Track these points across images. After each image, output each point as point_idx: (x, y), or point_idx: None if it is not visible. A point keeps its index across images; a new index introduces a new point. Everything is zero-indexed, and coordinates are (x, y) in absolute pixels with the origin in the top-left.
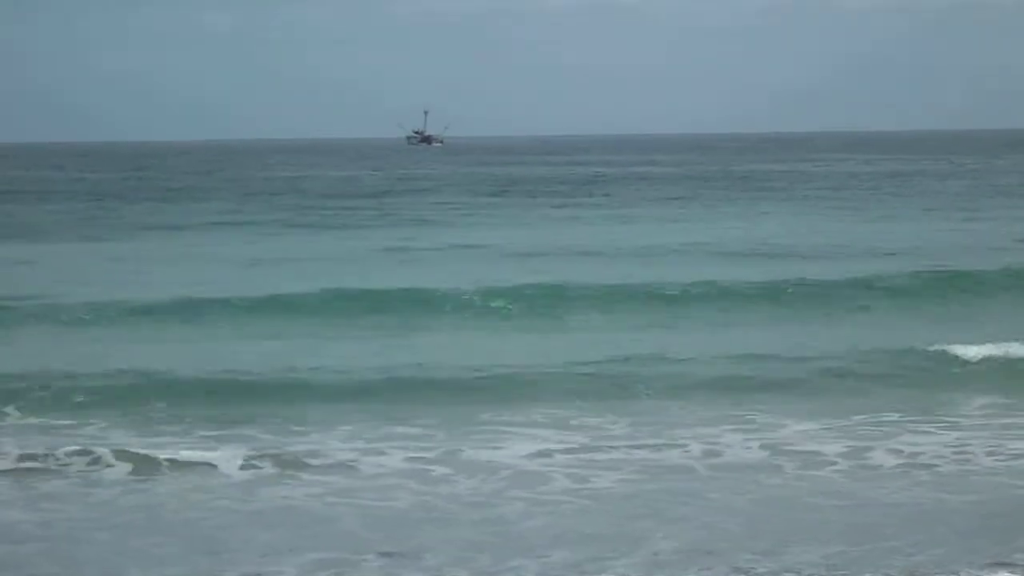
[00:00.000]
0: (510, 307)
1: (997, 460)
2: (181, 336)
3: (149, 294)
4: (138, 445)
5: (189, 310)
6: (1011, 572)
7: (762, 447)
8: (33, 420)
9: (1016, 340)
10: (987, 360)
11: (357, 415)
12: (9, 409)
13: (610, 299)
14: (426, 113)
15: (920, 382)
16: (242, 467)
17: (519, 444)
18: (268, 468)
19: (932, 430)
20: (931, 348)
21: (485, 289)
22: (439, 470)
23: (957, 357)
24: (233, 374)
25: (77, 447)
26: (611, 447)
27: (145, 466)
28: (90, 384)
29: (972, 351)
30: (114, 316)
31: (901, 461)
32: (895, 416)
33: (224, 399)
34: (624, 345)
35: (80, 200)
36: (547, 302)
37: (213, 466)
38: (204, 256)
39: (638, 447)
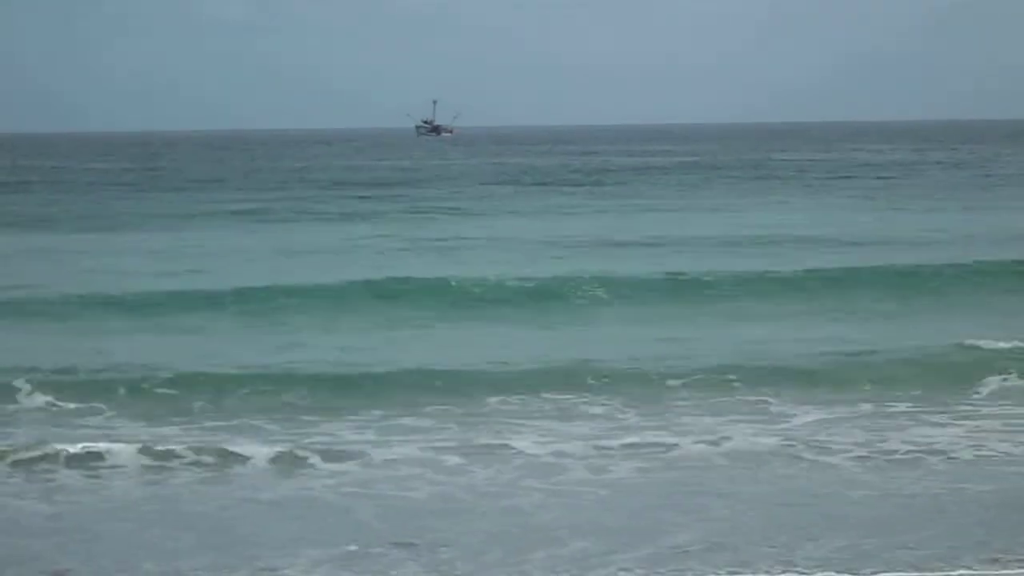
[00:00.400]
0: (529, 285)
1: (1015, 447)
2: (188, 327)
3: (165, 285)
4: (149, 437)
5: (195, 301)
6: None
7: (776, 437)
8: (44, 412)
9: None
10: (1005, 351)
11: (368, 406)
12: (20, 401)
13: (622, 289)
14: (435, 103)
15: (936, 372)
16: (255, 459)
17: (533, 434)
18: (281, 459)
19: (948, 421)
20: (948, 339)
21: (498, 279)
22: (453, 460)
23: (974, 348)
24: (241, 366)
25: (88, 439)
26: (624, 436)
27: (158, 458)
28: (98, 375)
29: (989, 343)
30: (123, 307)
31: (916, 451)
32: (911, 406)
33: (232, 390)
34: (635, 334)
35: (103, 189)
36: (562, 293)
37: (226, 458)
38: (219, 247)
39: (651, 436)
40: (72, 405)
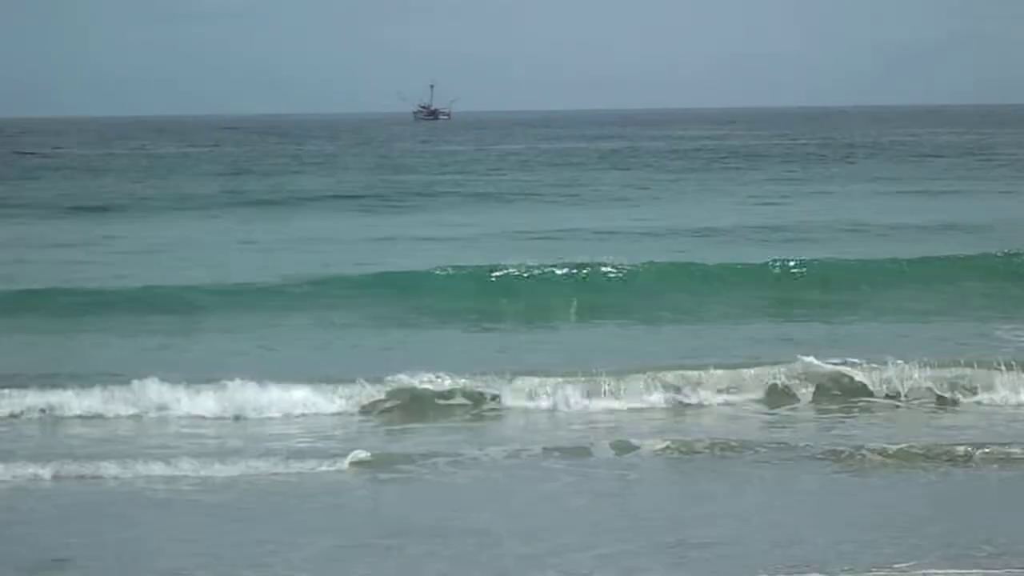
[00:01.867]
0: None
1: None
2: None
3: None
4: (165, 430)
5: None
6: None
7: (796, 428)
8: (55, 408)
9: None
10: None
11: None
12: (28, 398)
13: (634, 281)
14: (432, 87)
15: (956, 364)
16: (264, 454)
17: (554, 423)
18: (293, 455)
19: (967, 413)
20: (976, 330)
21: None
22: (472, 451)
23: (1000, 339)
24: (245, 360)
25: (102, 435)
26: (647, 426)
27: (171, 454)
28: (108, 372)
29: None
30: (154, 302)
31: (935, 446)
32: (929, 400)
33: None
34: (645, 324)
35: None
36: (589, 285)
37: (238, 452)
38: (239, 241)
39: (670, 425)
40: (86, 403)
